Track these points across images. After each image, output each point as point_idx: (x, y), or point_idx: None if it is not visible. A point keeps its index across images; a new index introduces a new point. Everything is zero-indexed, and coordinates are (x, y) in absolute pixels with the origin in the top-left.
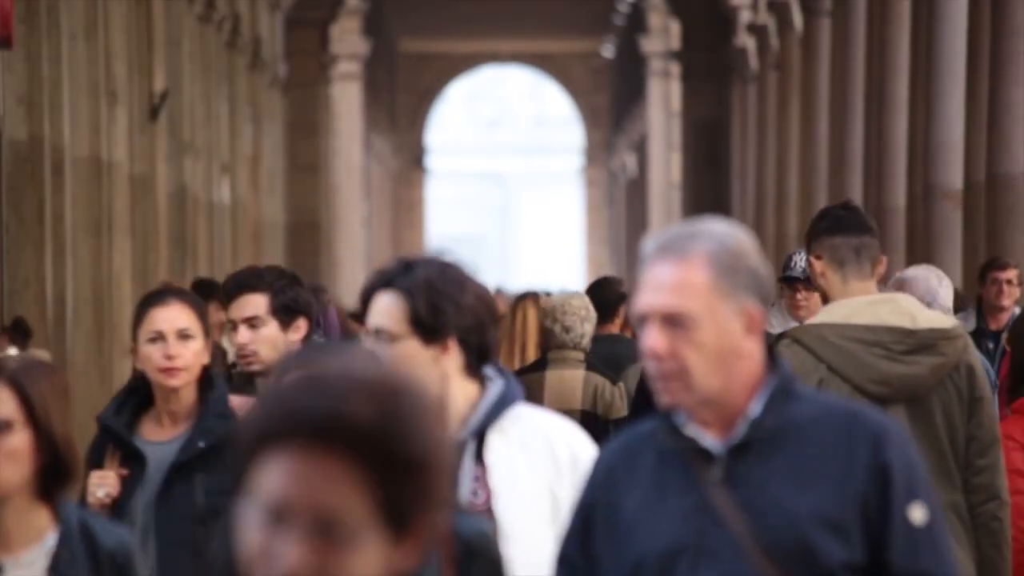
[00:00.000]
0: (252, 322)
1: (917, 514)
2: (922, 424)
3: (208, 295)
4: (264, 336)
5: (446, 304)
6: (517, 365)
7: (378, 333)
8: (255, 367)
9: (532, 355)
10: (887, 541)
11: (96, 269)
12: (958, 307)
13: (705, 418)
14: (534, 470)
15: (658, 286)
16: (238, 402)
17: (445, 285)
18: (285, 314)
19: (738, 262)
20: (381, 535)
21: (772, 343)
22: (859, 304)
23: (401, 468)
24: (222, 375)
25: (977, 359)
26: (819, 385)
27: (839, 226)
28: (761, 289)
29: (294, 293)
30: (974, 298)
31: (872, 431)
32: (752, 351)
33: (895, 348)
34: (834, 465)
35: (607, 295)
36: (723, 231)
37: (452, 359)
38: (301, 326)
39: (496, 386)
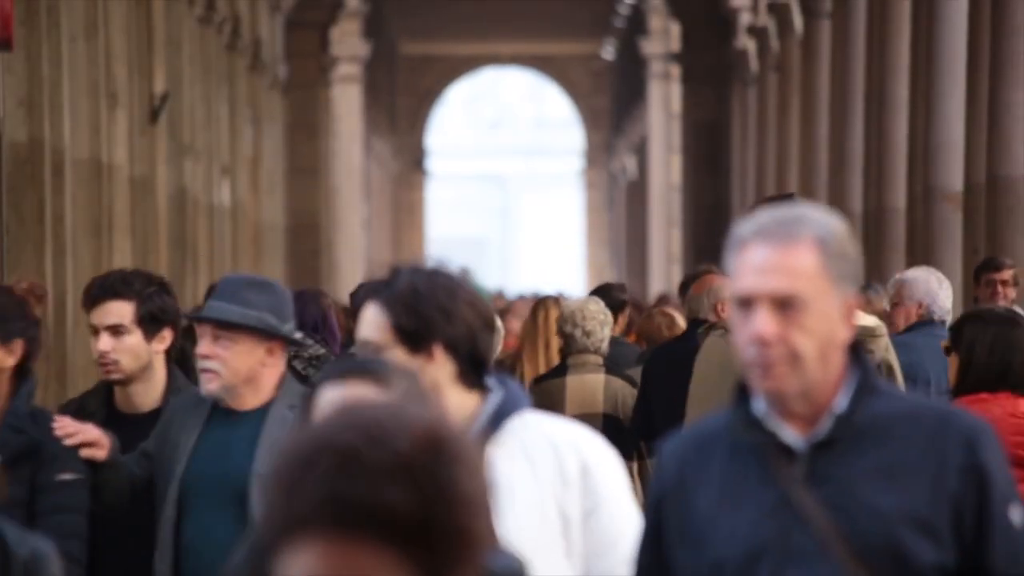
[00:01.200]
0: (115, 330)
1: (1016, 516)
2: None
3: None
4: (127, 345)
5: (431, 311)
6: (543, 364)
7: (365, 344)
8: (115, 376)
9: (556, 354)
10: (986, 544)
11: (96, 270)
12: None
13: (793, 411)
14: (539, 484)
15: (765, 268)
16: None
17: (432, 292)
18: (151, 323)
19: (843, 249)
20: None
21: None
22: None
23: (443, 549)
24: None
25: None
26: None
27: None
28: (858, 279)
29: (162, 302)
30: (971, 300)
31: (966, 432)
32: (845, 342)
33: None
34: (925, 465)
35: (608, 300)
36: (826, 217)
37: (441, 368)
38: (166, 336)
39: (495, 396)
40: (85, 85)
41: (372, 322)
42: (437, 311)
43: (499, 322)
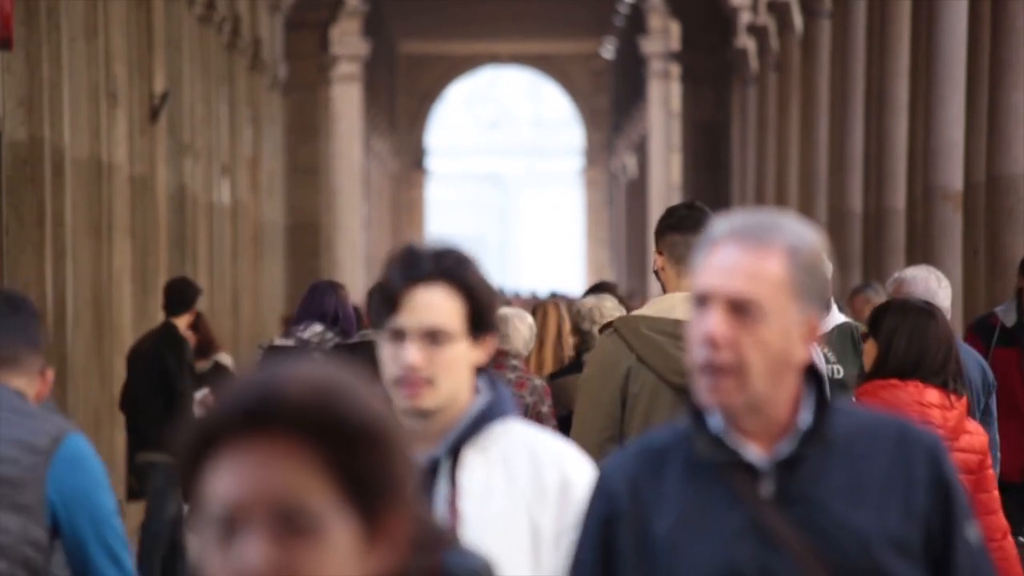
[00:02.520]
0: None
1: (972, 532)
2: None
3: (185, 297)
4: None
5: (494, 298)
6: (546, 364)
7: (428, 334)
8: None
9: (549, 357)
10: (951, 561)
11: (96, 270)
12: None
13: (748, 427)
14: (513, 495)
15: (729, 269)
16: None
17: (486, 277)
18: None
19: (815, 265)
20: (349, 524)
21: (602, 330)
22: (677, 300)
23: (350, 439)
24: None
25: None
26: (628, 373)
27: (680, 224)
28: (824, 301)
29: None
30: (1015, 290)
31: (926, 445)
32: (801, 364)
33: None
34: (892, 481)
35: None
36: (803, 229)
37: (479, 359)
38: None
39: (482, 398)
40: (85, 85)
41: (440, 307)
42: (495, 298)
43: (530, 319)
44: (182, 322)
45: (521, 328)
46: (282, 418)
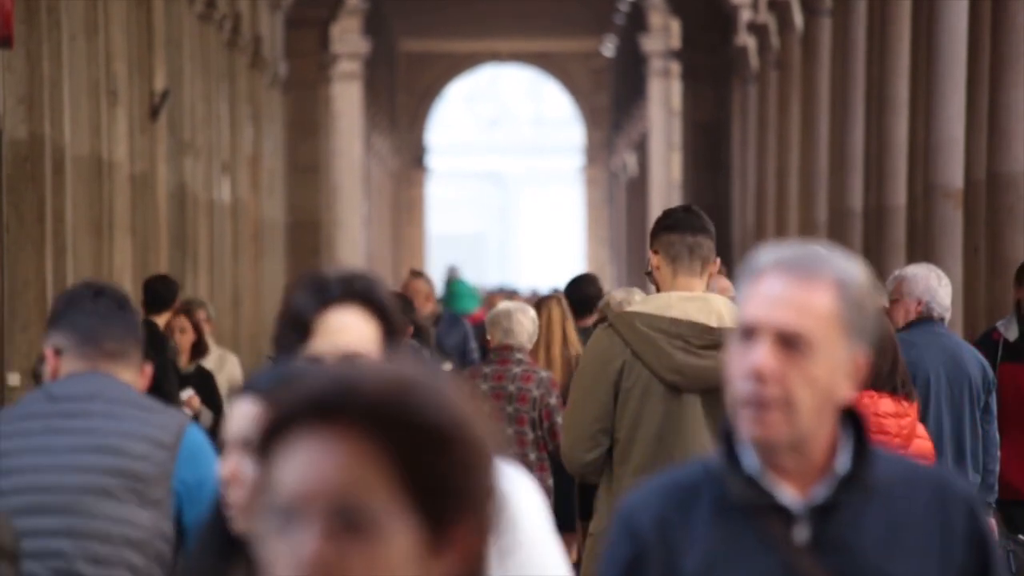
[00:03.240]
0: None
1: None
2: (713, 412)
3: (164, 295)
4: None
5: (404, 323)
6: (543, 364)
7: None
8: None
9: (557, 354)
10: None
11: (96, 269)
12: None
13: (786, 466)
14: None
15: (778, 300)
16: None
17: (396, 302)
18: None
19: (864, 300)
20: (411, 527)
21: (595, 324)
22: (674, 299)
23: (420, 439)
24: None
25: None
26: (622, 368)
27: (677, 225)
28: (871, 337)
29: None
30: (1014, 303)
31: (964, 498)
32: (844, 402)
33: (694, 342)
34: (932, 533)
35: (588, 289)
36: (850, 264)
37: None
38: None
39: None
40: (85, 83)
41: (356, 330)
42: (405, 322)
43: (532, 313)
44: (162, 320)
45: (524, 322)
46: (353, 411)
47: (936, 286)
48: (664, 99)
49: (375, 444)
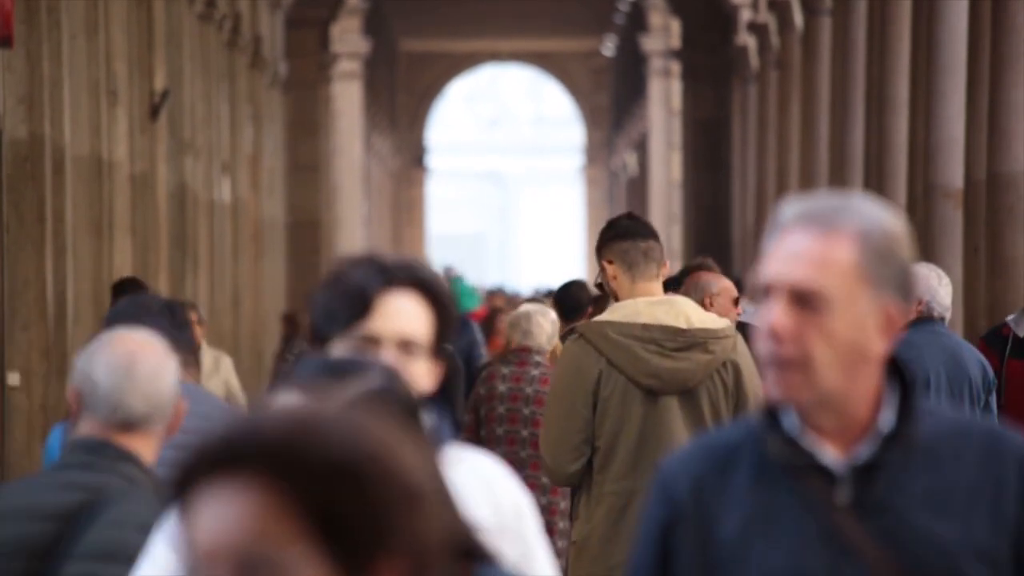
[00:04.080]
0: None
1: None
2: (691, 412)
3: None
4: None
5: (456, 322)
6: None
7: (403, 344)
8: None
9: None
10: None
11: (96, 269)
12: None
13: (824, 425)
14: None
15: (794, 256)
16: None
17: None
18: None
19: (891, 249)
20: (325, 571)
21: (563, 336)
22: (641, 304)
23: (324, 480)
24: None
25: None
26: (599, 377)
27: (627, 233)
28: (905, 287)
29: None
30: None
31: (1018, 452)
32: (881, 356)
33: (667, 345)
34: (981, 490)
35: (579, 293)
36: (879, 212)
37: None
38: None
39: (428, 422)
40: (85, 82)
41: (414, 316)
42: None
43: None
44: None
45: (544, 324)
46: (254, 459)
47: (936, 286)
48: (664, 99)
49: (279, 490)
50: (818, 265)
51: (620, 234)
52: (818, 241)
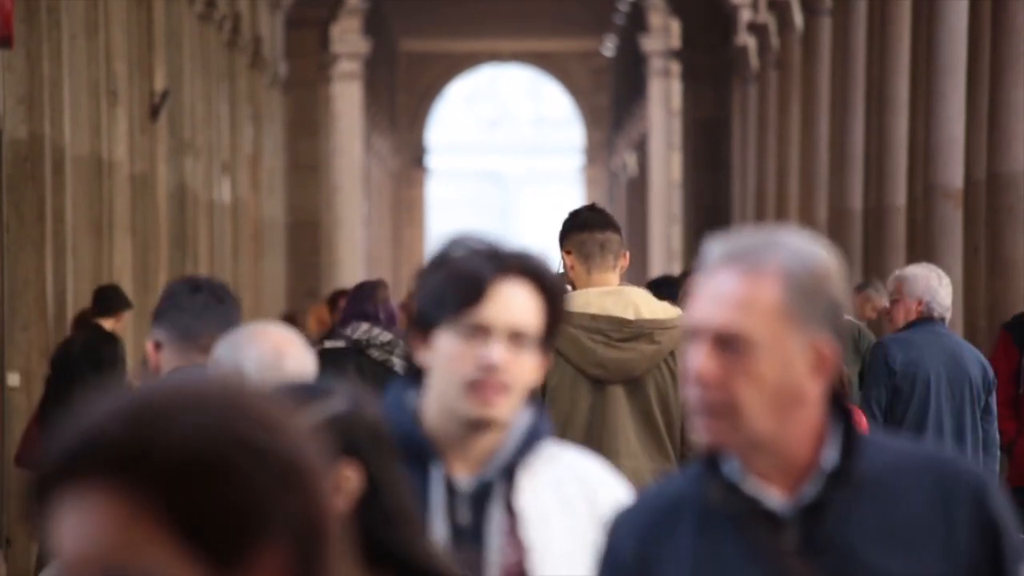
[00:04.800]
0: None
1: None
2: (638, 402)
3: (112, 302)
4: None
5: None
6: None
7: (514, 335)
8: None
9: None
10: None
11: (96, 269)
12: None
13: (762, 469)
14: (572, 525)
15: (717, 298)
16: None
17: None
18: None
19: (818, 287)
20: (192, 570)
21: None
22: (592, 295)
23: (180, 476)
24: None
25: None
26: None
27: (586, 224)
28: (837, 323)
29: None
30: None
31: (971, 483)
32: (817, 396)
33: (613, 336)
34: (933, 523)
35: None
36: (805, 247)
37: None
38: None
39: (525, 415)
40: (85, 82)
41: (527, 307)
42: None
43: None
44: (107, 323)
45: None
46: (98, 464)
47: (936, 286)
48: (664, 99)
49: (131, 494)
50: (741, 307)
51: (578, 225)
52: (742, 282)
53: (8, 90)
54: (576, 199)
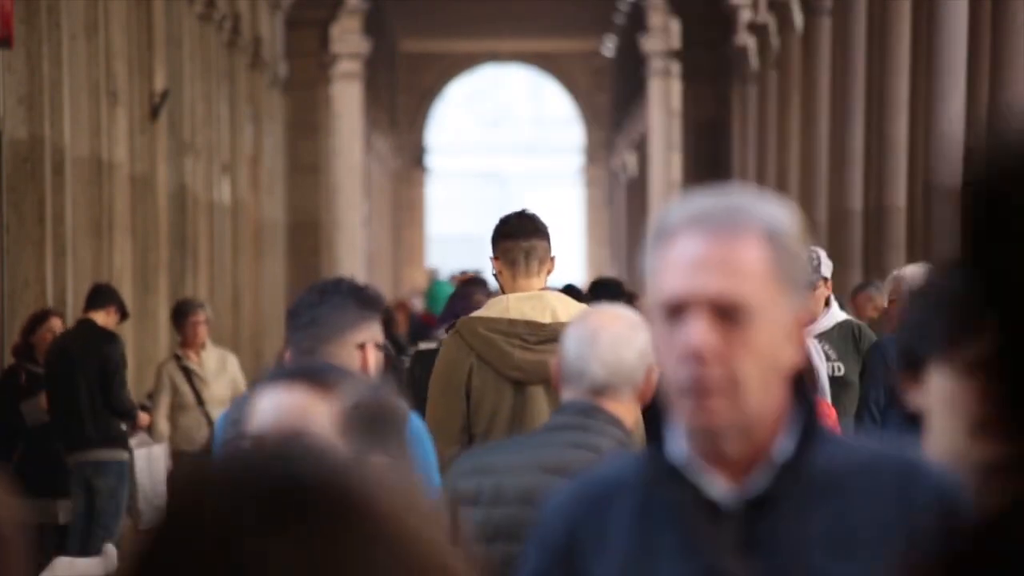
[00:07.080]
0: None
1: None
2: (557, 400)
3: (105, 297)
4: None
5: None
6: None
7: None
8: None
9: None
10: None
11: (96, 269)
12: None
13: (725, 454)
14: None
15: (702, 265)
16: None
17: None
18: None
19: (795, 248)
20: None
21: (446, 331)
22: (511, 300)
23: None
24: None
25: None
26: (471, 370)
27: (512, 232)
28: (809, 287)
29: None
30: None
31: (934, 486)
32: (788, 372)
33: (529, 339)
34: (888, 528)
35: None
36: (774, 207)
37: None
38: None
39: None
40: (85, 83)
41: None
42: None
43: None
44: (99, 317)
45: None
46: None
47: None
48: (664, 99)
49: None
50: (734, 272)
51: (506, 233)
52: (723, 245)
53: (8, 90)
54: (576, 199)
